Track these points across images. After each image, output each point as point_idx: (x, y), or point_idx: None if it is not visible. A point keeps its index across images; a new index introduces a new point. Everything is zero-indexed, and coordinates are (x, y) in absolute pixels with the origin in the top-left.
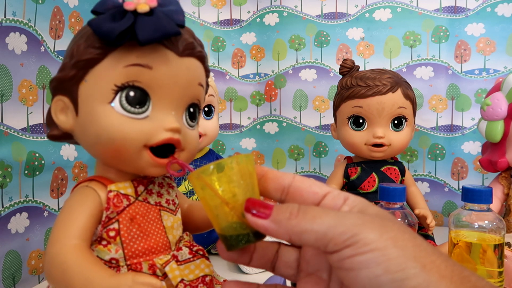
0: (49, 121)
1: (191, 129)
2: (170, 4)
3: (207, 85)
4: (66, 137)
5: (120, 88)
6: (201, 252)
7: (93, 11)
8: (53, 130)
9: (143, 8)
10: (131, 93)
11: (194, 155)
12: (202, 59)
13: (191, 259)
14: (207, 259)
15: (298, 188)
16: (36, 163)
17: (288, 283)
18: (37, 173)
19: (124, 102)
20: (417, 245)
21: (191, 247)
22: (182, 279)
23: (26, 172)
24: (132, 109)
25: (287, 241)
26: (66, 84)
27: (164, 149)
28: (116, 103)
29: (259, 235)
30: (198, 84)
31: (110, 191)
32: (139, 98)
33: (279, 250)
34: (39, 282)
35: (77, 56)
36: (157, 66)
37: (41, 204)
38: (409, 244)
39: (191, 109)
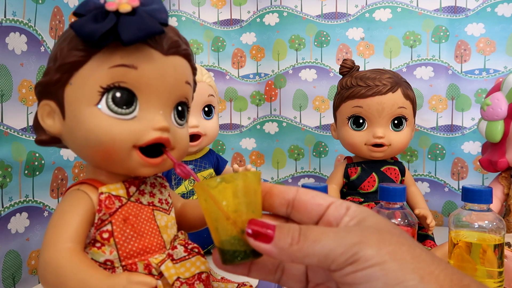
0: (36, 126)
1: (180, 128)
2: (152, 3)
3: (195, 83)
4: (54, 141)
5: (106, 90)
6: (196, 250)
7: (74, 13)
8: (41, 135)
9: (125, 8)
10: (118, 94)
11: (185, 154)
12: (188, 57)
13: (187, 257)
14: (203, 256)
15: (302, 201)
16: (36, 163)
17: None
18: (37, 173)
19: (110, 103)
20: (416, 257)
21: (186, 245)
22: (178, 277)
23: (26, 172)
24: (119, 110)
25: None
26: (51, 88)
27: (154, 149)
28: (102, 105)
29: (256, 253)
30: (185, 83)
31: (102, 193)
32: (125, 99)
33: (282, 265)
34: (39, 282)
35: (61, 59)
36: (143, 66)
37: (41, 204)
38: (408, 257)
39: (180, 108)
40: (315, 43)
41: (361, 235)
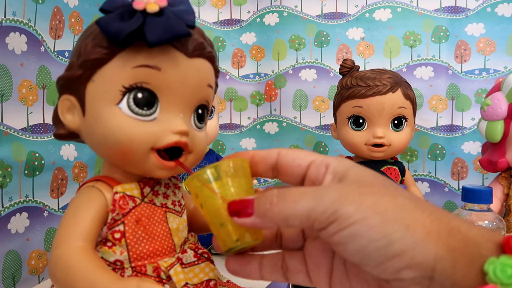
0: (56, 120)
1: (199, 131)
2: (180, 4)
3: (217, 85)
4: (72, 136)
5: (128, 90)
6: (206, 255)
7: (101, 9)
8: (60, 129)
9: (153, 8)
10: (139, 95)
11: (201, 157)
12: (212, 59)
13: (196, 263)
14: (212, 262)
15: (284, 164)
16: (36, 163)
17: None
18: (37, 173)
19: (131, 103)
20: (398, 206)
21: (196, 249)
22: (187, 283)
23: (26, 172)
24: (140, 111)
25: (276, 228)
26: (73, 84)
27: (171, 151)
28: (123, 105)
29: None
30: (207, 86)
31: (116, 192)
32: (147, 100)
33: (279, 230)
34: (39, 282)
35: (85, 56)
36: (166, 68)
37: (41, 204)
38: (389, 207)
39: (200, 111)
40: (315, 43)
41: (340, 191)
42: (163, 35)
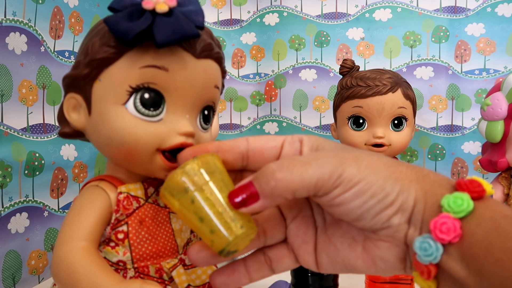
0: (61, 118)
1: (204, 132)
2: (189, 4)
3: (223, 85)
4: (77, 135)
5: (135, 90)
6: None
7: (110, 8)
8: (65, 128)
9: (162, 8)
10: (146, 95)
11: None
12: (219, 60)
13: None
14: (215, 264)
15: (257, 149)
16: (36, 163)
17: None
18: (37, 173)
19: (138, 104)
20: (386, 164)
21: None
22: (189, 285)
23: (26, 172)
24: (146, 111)
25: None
26: (79, 82)
27: (176, 152)
28: (130, 105)
29: (250, 226)
30: (214, 87)
31: (120, 192)
32: (153, 100)
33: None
34: (39, 282)
35: (92, 55)
36: (174, 69)
37: (41, 204)
38: (380, 165)
39: (206, 112)
40: (315, 43)
41: (337, 156)
42: (172, 36)
